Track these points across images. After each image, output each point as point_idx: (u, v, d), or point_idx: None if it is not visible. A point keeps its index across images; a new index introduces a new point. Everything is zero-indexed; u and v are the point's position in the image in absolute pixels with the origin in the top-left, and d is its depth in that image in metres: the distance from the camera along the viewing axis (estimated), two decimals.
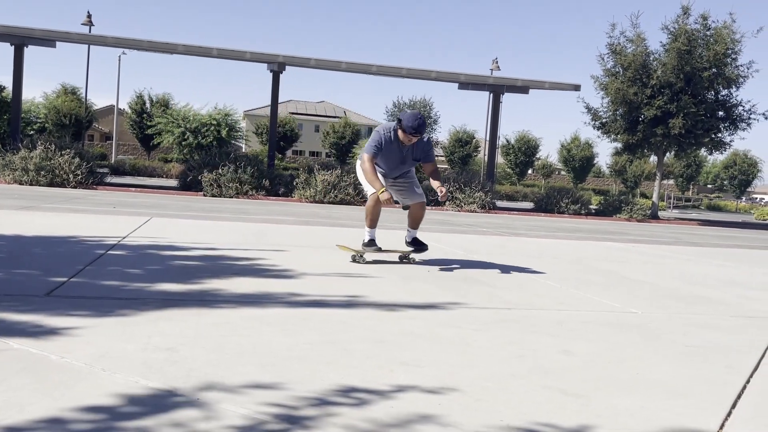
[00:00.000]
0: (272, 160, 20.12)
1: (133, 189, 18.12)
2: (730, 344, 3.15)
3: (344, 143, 44.08)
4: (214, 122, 26.45)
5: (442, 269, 5.18)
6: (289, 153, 53.25)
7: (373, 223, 5.51)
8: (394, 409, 1.98)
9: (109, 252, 4.79)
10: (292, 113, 58.85)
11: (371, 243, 5.47)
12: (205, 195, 17.07)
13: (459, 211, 18.11)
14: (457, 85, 20.74)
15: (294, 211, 13.42)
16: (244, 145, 36.17)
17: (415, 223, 5.75)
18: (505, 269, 5.41)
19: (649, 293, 4.66)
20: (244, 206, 13.90)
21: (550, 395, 2.21)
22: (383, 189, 5.10)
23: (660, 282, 5.30)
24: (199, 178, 17.42)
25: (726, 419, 2.09)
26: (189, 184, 18.05)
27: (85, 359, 2.24)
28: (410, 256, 5.69)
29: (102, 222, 7.31)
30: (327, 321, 3.07)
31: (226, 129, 26.54)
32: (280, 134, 45.41)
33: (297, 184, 18.03)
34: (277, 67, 19.17)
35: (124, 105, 41.21)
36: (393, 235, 7.17)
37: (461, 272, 5.07)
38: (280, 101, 21.81)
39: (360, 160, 5.43)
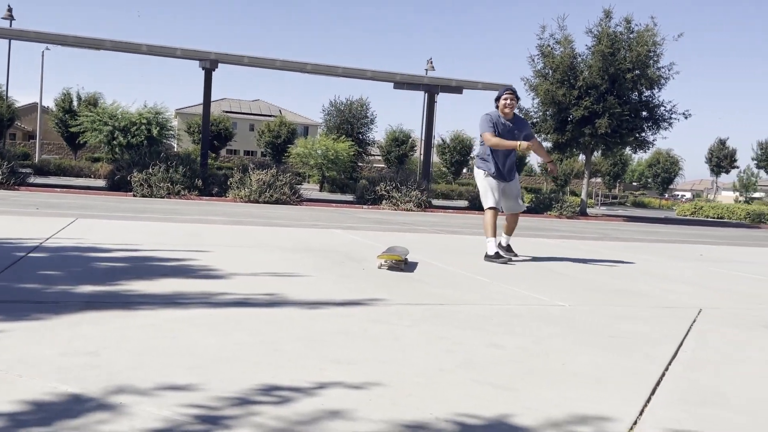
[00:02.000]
0: (205, 159, 19.71)
1: (58, 189, 17.41)
2: (649, 334, 3.28)
3: (280, 142, 43.66)
4: (145, 121, 25.68)
5: (377, 268, 5.19)
6: (223, 152, 52.34)
7: (492, 232, 6.06)
8: (321, 406, 1.97)
9: (30, 255, 4.58)
10: (226, 112, 57.88)
11: (497, 255, 5.97)
12: (134, 195, 16.57)
13: (395, 210, 18.21)
14: (392, 84, 20.86)
15: (227, 211, 13.19)
16: (176, 144, 35.28)
17: (511, 230, 6.52)
18: (439, 266, 5.47)
19: (575, 286, 4.80)
20: (176, 206, 13.56)
21: (480, 388, 2.24)
22: (519, 144, 5.92)
23: (587, 276, 5.47)
24: (129, 178, 16.90)
25: (645, 406, 2.17)
26: (118, 185, 17.48)
27: (0, 365, 2.13)
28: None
29: (23, 224, 6.99)
30: (257, 320, 3.03)
31: (157, 128, 25.81)
32: (213, 133, 44.59)
33: (231, 183, 17.74)
34: (209, 64, 18.80)
35: (49, 102, 39.60)
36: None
37: (396, 270, 5.08)
38: (213, 100, 21.38)
39: (483, 140, 6.06)
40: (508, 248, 6.47)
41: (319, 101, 61.62)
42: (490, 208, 6.12)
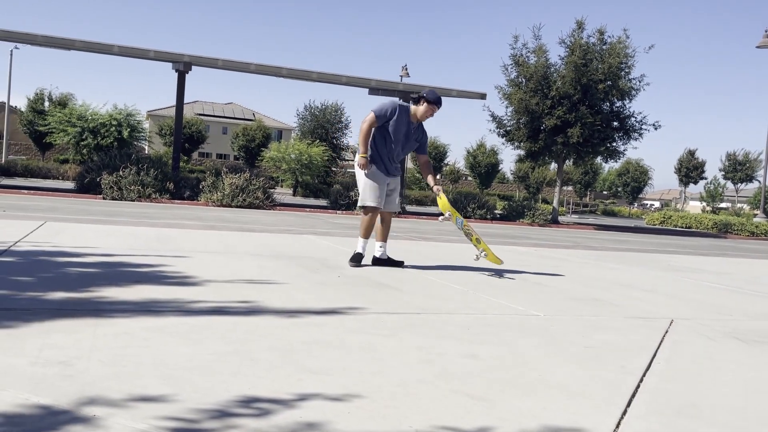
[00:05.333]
0: (177, 162, 19.48)
1: (26, 191, 17.05)
2: (624, 345, 3.32)
3: (254, 146, 43.35)
4: (115, 122, 25.28)
5: (353, 275, 5.17)
6: (195, 155, 51.79)
7: (367, 234, 5.74)
8: (301, 418, 1.94)
9: None
10: (199, 114, 57.29)
11: (359, 257, 5.67)
12: (104, 198, 16.30)
13: None
14: (367, 90, 20.88)
15: (200, 215, 13.04)
16: (147, 147, 34.79)
17: (386, 235, 5.96)
18: (415, 274, 5.47)
19: (550, 296, 4.83)
20: (147, 210, 13.38)
21: (457, 399, 2.24)
22: (365, 155, 5.57)
23: (560, 285, 5.51)
24: (98, 180, 16.62)
25: (621, 418, 2.19)
26: (87, 187, 17.18)
27: None
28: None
29: None
30: (232, 330, 2.99)
31: (128, 129, 25.41)
32: (185, 135, 44.10)
33: (203, 187, 17.55)
34: (183, 66, 18.61)
35: (21, 102, 38.86)
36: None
37: (372, 278, 5.07)
38: (186, 102, 21.15)
39: (366, 118, 5.63)
40: (389, 258, 5.94)
41: (294, 105, 61.66)
42: (367, 207, 5.73)
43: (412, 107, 5.74)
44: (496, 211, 21.53)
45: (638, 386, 2.57)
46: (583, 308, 4.40)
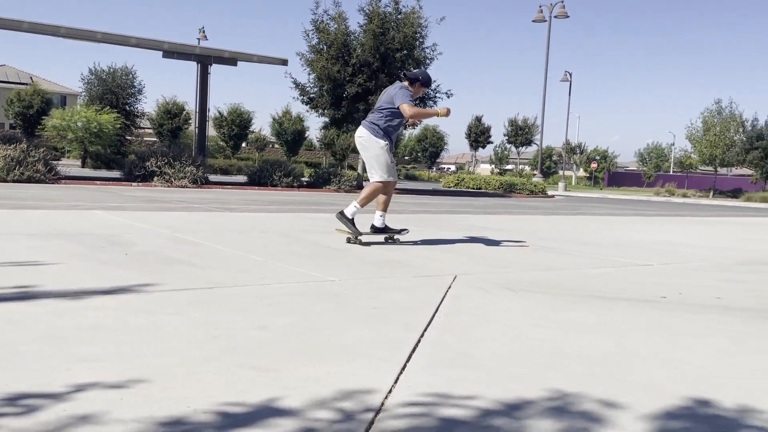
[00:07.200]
0: None
1: None
2: (409, 303, 3.50)
3: (32, 113, 39.11)
4: None
5: (143, 251, 4.88)
6: None
7: (367, 203, 6.12)
8: (72, 412, 1.79)
9: None
10: None
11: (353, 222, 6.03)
12: None
13: (169, 186, 17.32)
14: (161, 53, 19.67)
15: None
16: None
17: (387, 205, 6.34)
18: (212, 247, 5.31)
19: (347, 261, 4.96)
20: None
21: (242, 373, 2.21)
22: (438, 111, 6.37)
23: (359, 250, 5.68)
24: None
25: (401, 373, 2.30)
26: None
27: None
28: (395, 237, 6.34)
29: None
30: None
31: None
32: None
33: None
34: None
35: None
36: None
37: (165, 253, 4.83)
38: None
39: (402, 110, 6.03)
40: (387, 227, 6.41)
41: (79, 69, 56.32)
42: (387, 182, 6.16)
43: (410, 87, 6.22)
44: (303, 179, 21.61)
45: (419, 342, 2.72)
46: (378, 271, 4.58)
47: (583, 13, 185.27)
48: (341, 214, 6.02)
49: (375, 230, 6.27)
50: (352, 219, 6.03)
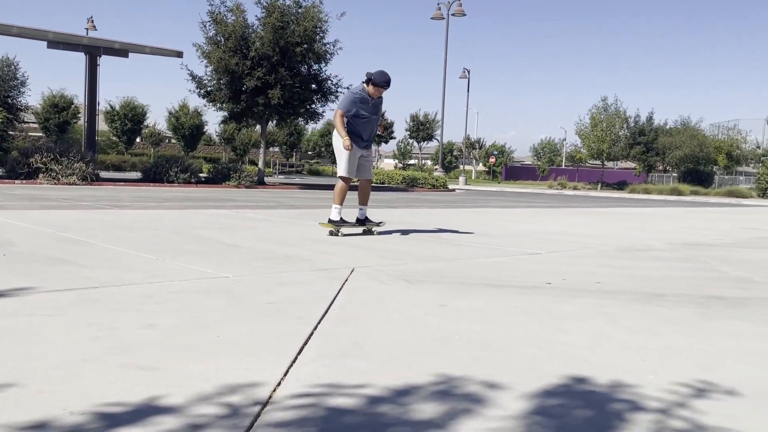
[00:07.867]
0: None
1: None
2: (305, 297, 3.50)
3: None
4: None
5: (23, 251, 4.60)
6: None
7: (341, 200, 6.63)
8: None
9: None
10: None
11: (337, 223, 6.61)
12: None
13: (56, 184, 16.38)
14: (46, 43, 18.56)
15: None
16: None
17: (365, 199, 6.95)
18: (99, 246, 5.08)
19: (243, 257, 4.89)
20: None
21: (125, 373, 2.14)
22: (347, 138, 6.41)
23: (255, 245, 5.61)
24: None
25: (291, 366, 2.30)
26: None
27: None
28: (373, 229, 6.92)
29: None
30: None
31: None
32: None
33: None
34: None
35: None
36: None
37: (48, 253, 4.57)
38: None
39: (334, 117, 6.52)
40: (367, 219, 6.98)
41: None
42: (344, 177, 6.63)
43: (366, 87, 6.52)
44: (201, 175, 21.03)
45: (311, 334, 2.73)
46: (274, 266, 4.54)
47: (481, 12, 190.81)
48: (330, 222, 6.61)
49: (358, 223, 6.91)
50: (341, 219, 6.60)
